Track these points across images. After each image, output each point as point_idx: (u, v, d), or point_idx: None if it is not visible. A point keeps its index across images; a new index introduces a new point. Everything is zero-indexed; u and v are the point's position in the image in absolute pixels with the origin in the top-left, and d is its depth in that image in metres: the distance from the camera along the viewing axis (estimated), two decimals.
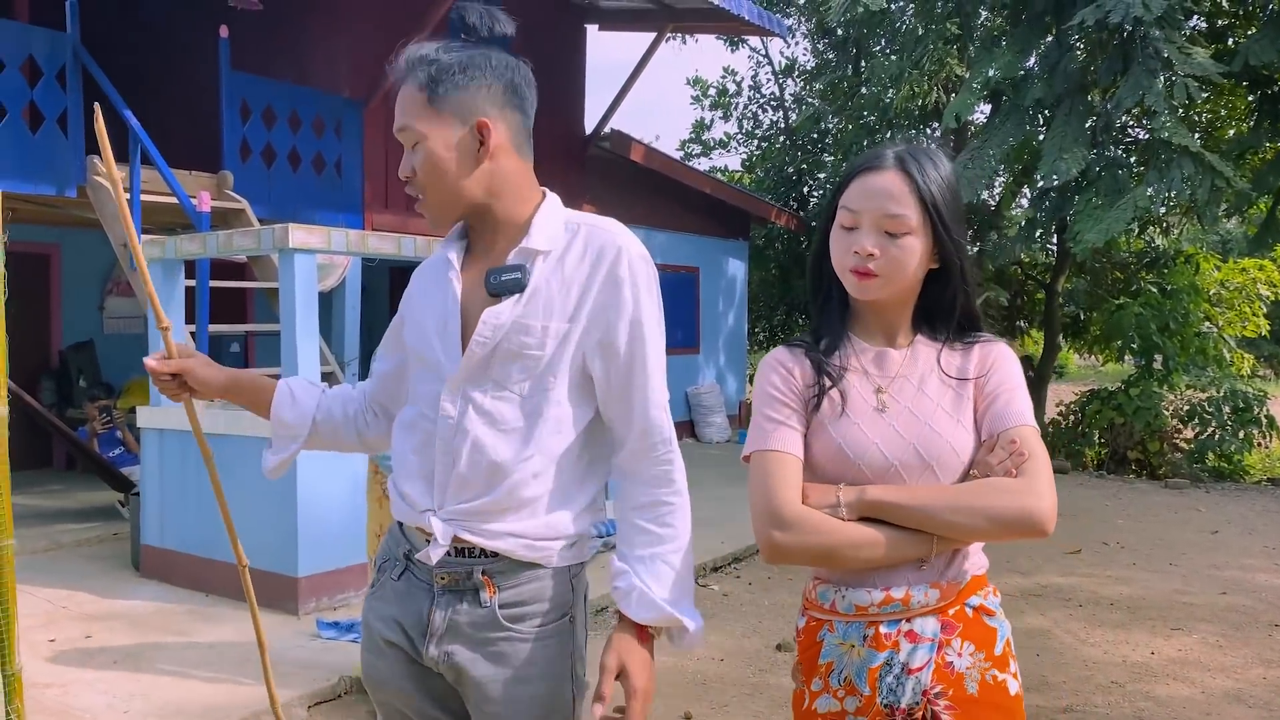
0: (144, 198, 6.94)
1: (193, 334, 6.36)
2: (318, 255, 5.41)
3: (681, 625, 1.62)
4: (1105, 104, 10.58)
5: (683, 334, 13.57)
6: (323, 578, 5.31)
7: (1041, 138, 10.82)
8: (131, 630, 5.00)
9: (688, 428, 13.41)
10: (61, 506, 8.04)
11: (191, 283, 6.43)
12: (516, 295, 1.60)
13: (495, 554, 1.62)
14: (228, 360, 9.92)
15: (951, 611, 1.58)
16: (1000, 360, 1.66)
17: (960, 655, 1.57)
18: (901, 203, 1.58)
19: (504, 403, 1.61)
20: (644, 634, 1.62)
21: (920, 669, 1.55)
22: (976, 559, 1.65)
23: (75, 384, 9.78)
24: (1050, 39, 11.25)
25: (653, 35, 11.32)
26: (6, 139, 6.75)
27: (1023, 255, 13.54)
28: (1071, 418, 12.83)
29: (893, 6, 14.05)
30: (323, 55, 8.97)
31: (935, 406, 1.61)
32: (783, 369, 1.67)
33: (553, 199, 1.72)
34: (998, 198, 15.32)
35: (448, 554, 1.63)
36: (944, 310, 1.69)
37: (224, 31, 7.77)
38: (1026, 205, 13.02)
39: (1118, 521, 8.36)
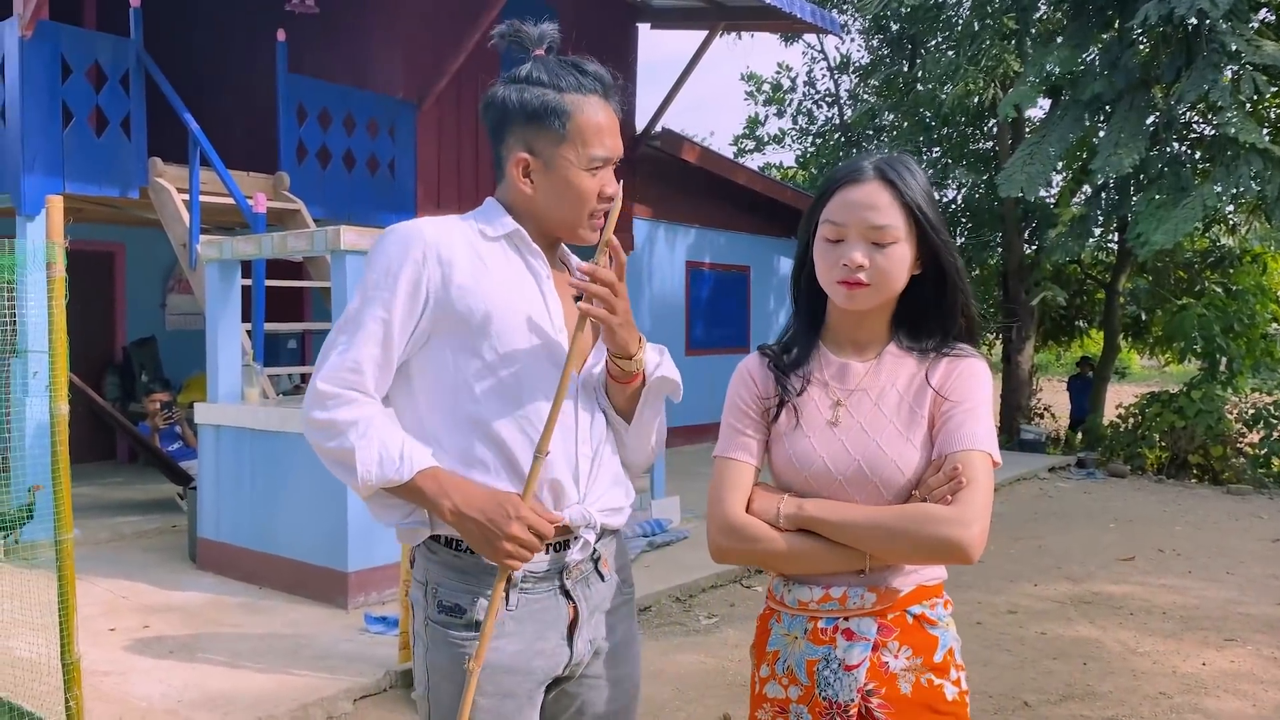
0: (203, 199, 7.11)
1: (249, 332, 6.50)
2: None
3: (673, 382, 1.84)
4: (1168, 100, 10.34)
5: (733, 333, 13.54)
6: (371, 573, 5.41)
7: (1102, 134, 10.60)
8: (187, 621, 5.15)
9: None
10: (124, 499, 8.28)
11: (248, 282, 6.58)
12: None
13: (605, 531, 1.76)
14: (285, 357, 10.14)
15: (890, 616, 1.63)
16: (965, 377, 1.65)
17: (896, 657, 1.62)
18: (886, 213, 1.60)
19: (601, 397, 1.78)
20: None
21: (856, 666, 1.61)
22: (929, 571, 1.67)
23: (138, 379, 10.06)
24: (1111, 34, 11.03)
25: (704, 33, 11.29)
26: (73, 143, 6.96)
27: (1081, 254, 13.25)
28: (1131, 420, 12.58)
29: (947, 0, 13.88)
30: (378, 57, 9.10)
31: (888, 423, 1.63)
32: (749, 378, 1.75)
33: None
34: (1055, 195, 15.05)
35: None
36: (939, 316, 1.69)
37: (281, 35, 7.94)
38: (1081, 202, 12.76)
39: (1175, 528, 8.18)
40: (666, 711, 4.17)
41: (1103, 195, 11.92)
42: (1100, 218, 12.00)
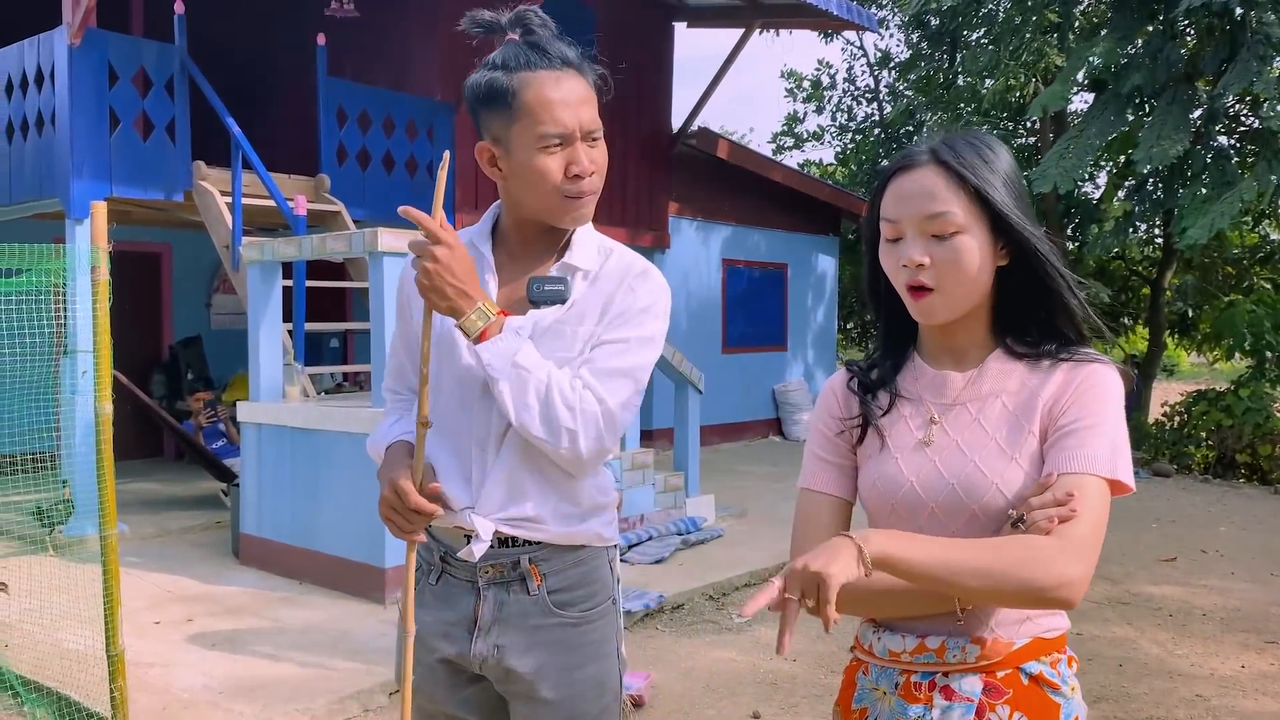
0: (245, 201, 7.25)
1: (290, 332, 6.62)
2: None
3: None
4: (1211, 93, 10.17)
5: (770, 331, 13.52)
6: None
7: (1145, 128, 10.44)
8: (229, 615, 5.27)
9: (774, 425, 13.36)
10: (170, 495, 8.46)
11: (290, 283, 6.71)
12: (558, 305, 1.66)
13: (539, 543, 1.69)
14: (328, 356, 10.31)
15: (1000, 674, 1.37)
16: (1085, 387, 1.38)
17: None
18: (941, 199, 1.37)
19: None
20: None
21: None
22: (1046, 620, 1.41)
23: (183, 377, 10.27)
24: (1156, 25, 10.86)
25: (741, 31, 11.29)
26: (120, 147, 7.13)
27: (1121, 248, 13.04)
28: (1177, 419, 12.38)
29: None
30: (416, 60, 9.22)
31: (989, 439, 1.40)
32: (832, 399, 1.57)
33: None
34: (1099, 191, 14.85)
35: (490, 546, 1.68)
36: (1041, 314, 1.44)
37: (321, 39, 8.06)
38: (1123, 196, 12.57)
39: (1219, 529, 8.05)
40: (697, 709, 4.20)
41: (1146, 189, 11.74)
42: (1143, 212, 11.82)
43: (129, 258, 9.59)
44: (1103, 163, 13.72)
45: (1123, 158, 13.25)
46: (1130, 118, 10.80)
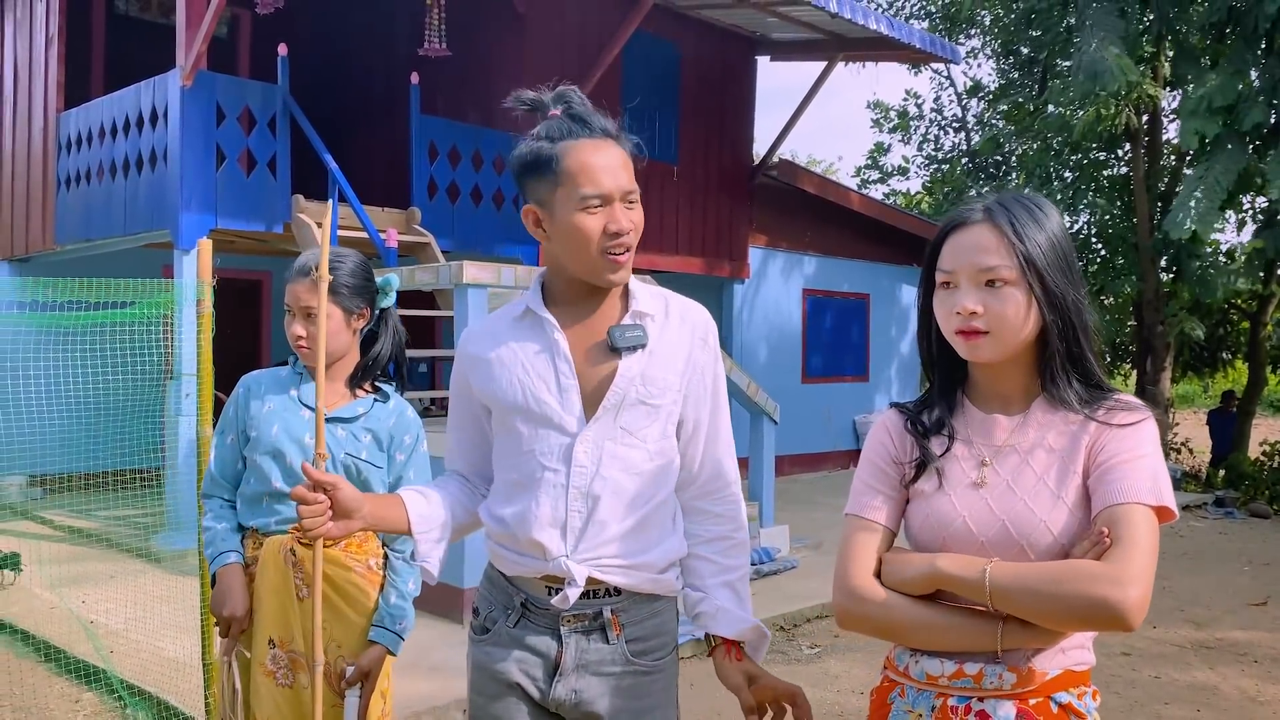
0: (341, 233, 7.58)
1: None
2: (489, 288, 5.82)
3: (761, 632, 1.85)
4: None
5: (852, 361, 13.47)
6: None
7: (1269, 163, 10.14)
8: None
9: (855, 456, 13.27)
10: None
11: None
12: (640, 350, 1.79)
13: (619, 591, 1.80)
14: (415, 380, 10.63)
15: (1032, 702, 1.46)
16: (1126, 428, 1.49)
17: None
18: (995, 254, 1.49)
19: (634, 449, 1.79)
20: (738, 650, 1.84)
21: None
22: (1076, 654, 1.50)
23: None
24: (1270, 57, 10.60)
25: (824, 64, 11.38)
26: (225, 182, 7.55)
27: (1254, 286, 12.56)
28: (1278, 458, 11.96)
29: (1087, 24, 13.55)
30: (504, 96, 9.49)
31: (1038, 481, 1.50)
32: (889, 435, 1.65)
33: None
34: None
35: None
36: (1073, 367, 1.55)
37: (415, 79, 8.42)
38: (1254, 235, 12.07)
39: None
40: None
41: (1272, 227, 11.34)
42: (1276, 251, 11.41)
43: (231, 285, 10.07)
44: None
45: (1249, 196, 12.82)
46: (1251, 153, 10.54)
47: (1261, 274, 12.81)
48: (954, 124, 20.87)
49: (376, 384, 2.61)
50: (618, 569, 1.78)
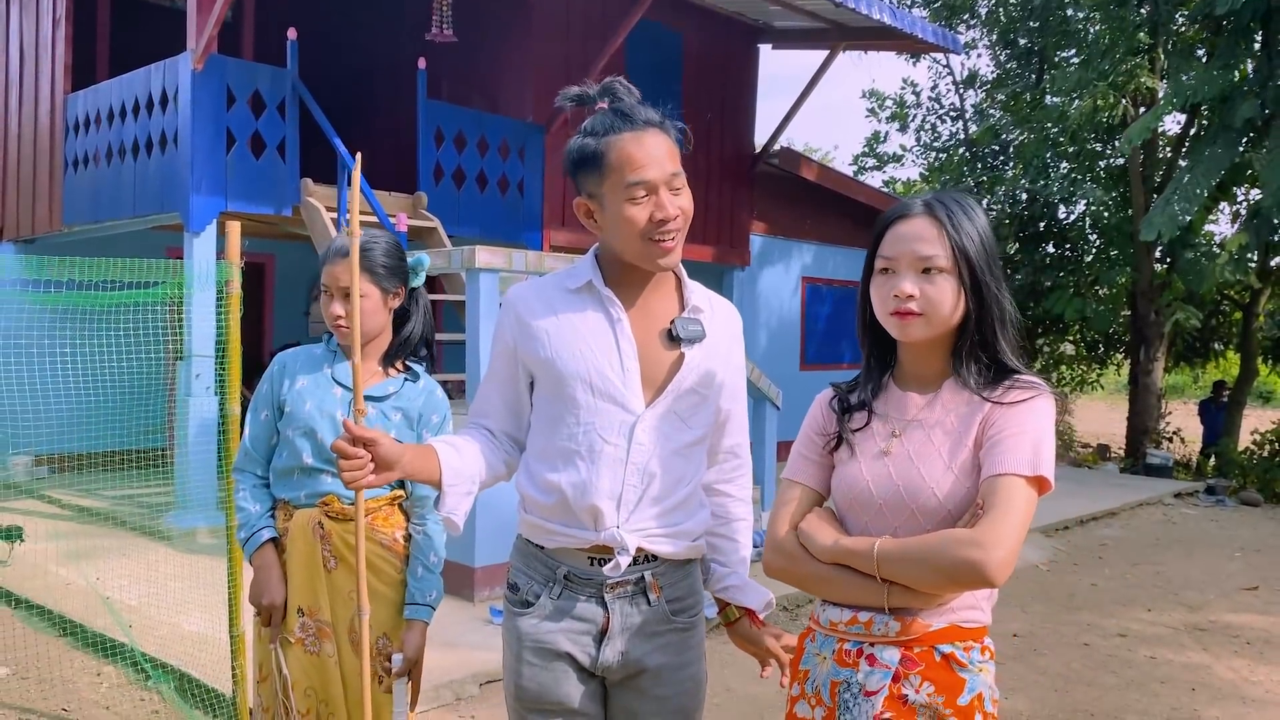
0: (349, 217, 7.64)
1: None
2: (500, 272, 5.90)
3: (772, 603, 2.07)
4: None
5: (850, 348, 13.58)
6: (497, 568, 5.77)
7: (1259, 158, 10.24)
8: None
9: None
10: None
11: None
12: (699, 343, 1.92)
13: (656, 558, 1.93)
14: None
15: (916, 650, 1.64)
16: (1017, 409, 1.66)
17: (916, 692, 1.63)
18: (933, 244, 1.67)
19: (685, 433, 1.93)
20: (756, 618, 2.06)
21: (875, 693, 1.65)
22: (967, 612, 1.68)
23: None
24: (1259, 51, 10.69)
25: (825, 52, 11.44)
26: (234, 165, 7.61)
27: (1240, 278, 12.70)
28: (1268, 447, 12.13)
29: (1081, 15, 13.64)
30: (509, 82, 9.59)
31: (935, 451, 1.69)
32: (820, 411, 1.87)
33: None
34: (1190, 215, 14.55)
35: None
36: (989, 353, 1.72)
37: (422, 64, 8.47)
38: (1237, 229, 12.20)
39: None
40: (770, 711, 4.38)
41: (1257, 220, 11.46)
42: (1268, 244, 11.53)
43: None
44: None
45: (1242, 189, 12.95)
46: (1241, 150, 10.62)
47: (1253, 265, 12.94)
48: (951, 113, 20.93)
49: (407, 363, 2.70)
50: (663, 538, 1.92)
